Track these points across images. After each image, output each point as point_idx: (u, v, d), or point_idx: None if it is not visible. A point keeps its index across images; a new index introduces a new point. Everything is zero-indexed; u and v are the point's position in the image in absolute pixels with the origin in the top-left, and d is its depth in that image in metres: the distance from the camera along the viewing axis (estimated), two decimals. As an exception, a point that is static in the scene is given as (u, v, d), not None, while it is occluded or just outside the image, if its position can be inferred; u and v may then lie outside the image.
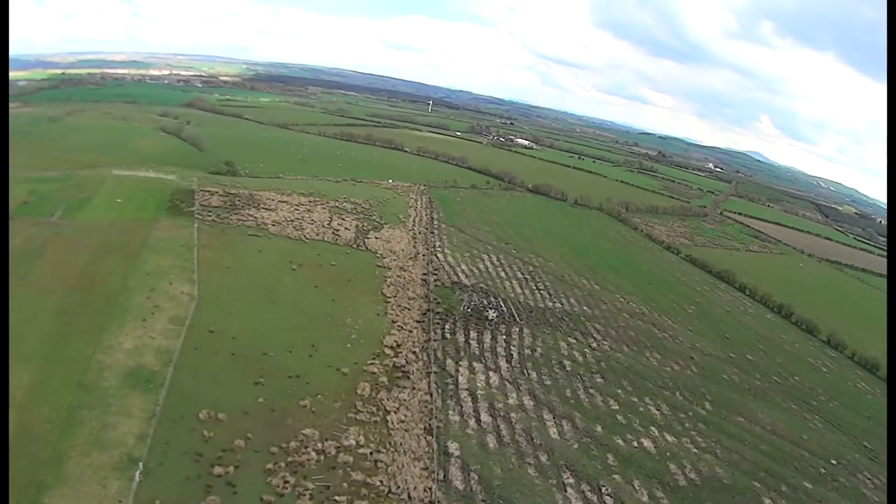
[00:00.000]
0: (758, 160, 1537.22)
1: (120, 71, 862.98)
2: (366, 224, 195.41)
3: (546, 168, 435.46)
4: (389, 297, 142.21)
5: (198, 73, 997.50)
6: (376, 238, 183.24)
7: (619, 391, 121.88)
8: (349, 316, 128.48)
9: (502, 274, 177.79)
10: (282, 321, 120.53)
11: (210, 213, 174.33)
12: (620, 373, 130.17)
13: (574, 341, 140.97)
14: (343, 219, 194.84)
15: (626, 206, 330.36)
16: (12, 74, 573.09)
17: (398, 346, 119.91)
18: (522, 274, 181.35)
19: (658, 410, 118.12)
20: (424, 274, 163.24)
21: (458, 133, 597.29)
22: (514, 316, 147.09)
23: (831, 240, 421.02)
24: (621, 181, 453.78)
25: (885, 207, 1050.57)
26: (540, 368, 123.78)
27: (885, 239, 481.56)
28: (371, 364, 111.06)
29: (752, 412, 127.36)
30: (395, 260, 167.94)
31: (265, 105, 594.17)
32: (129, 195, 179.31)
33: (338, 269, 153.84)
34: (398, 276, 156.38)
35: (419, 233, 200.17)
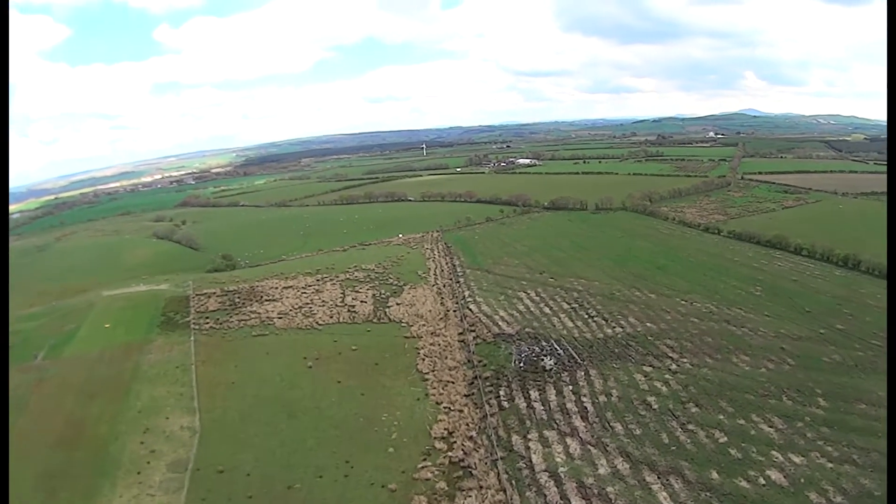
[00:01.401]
0: (754, 116, 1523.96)
1: (112, 185, 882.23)
2: (383, 291, 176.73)
3: (556, 181, 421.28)
4: (427, 374, 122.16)
5: (189, 171, 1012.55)
6: (398, 304, 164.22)
7: (721, 416, 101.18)
8: (384, 410, 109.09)
9: (546, 310, 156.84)
10: (304, 438, 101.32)
11: (208, 320, 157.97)
12: (714, 393, 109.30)
13: (650, 369, 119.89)
14: (357, 291, 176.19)
15: (649, 198, 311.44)
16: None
17: (450, 434, 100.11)
18: (568, 304, 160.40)
19: (771, 427, 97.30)
20: (461, 333, 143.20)
21: (458, 169, 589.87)
22: (574, 358, 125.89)
23: (855, 172, 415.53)
24: (633, 174, 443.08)
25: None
26: (623, 417, 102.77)
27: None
28: (423, 468, 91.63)
29: (870, 393, 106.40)
30: (424, 325, 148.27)
31: (261, 187, 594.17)
32: (118, 317, 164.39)
33: (361, 353, 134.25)
34: (431, 345, 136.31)
35: (444, 286, 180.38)
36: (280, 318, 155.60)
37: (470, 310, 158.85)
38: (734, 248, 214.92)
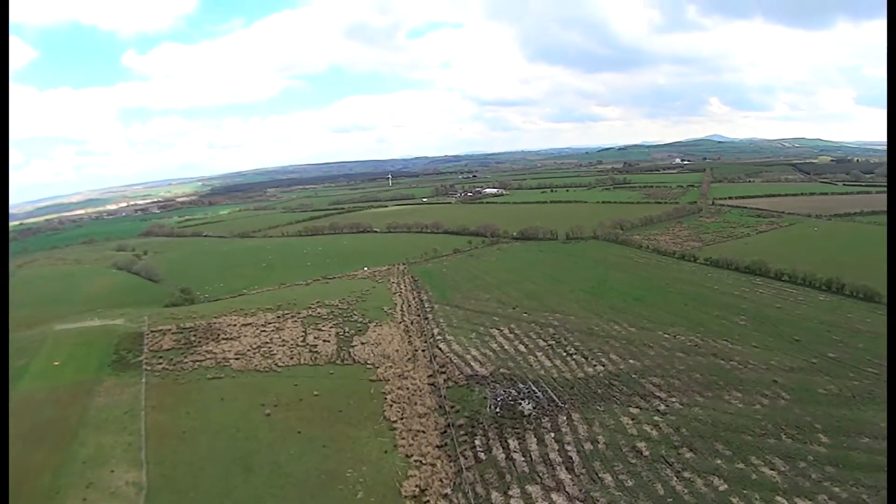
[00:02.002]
0: (719, 142, 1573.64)
1: (77, 212, 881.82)
2: (347, 328, 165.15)
3: (524, 211, 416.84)
4: (395, 422, 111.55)
5: (154, 200, 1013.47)
6: (363, 343, 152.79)
7: (719, 461, 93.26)
8: (349, 465, 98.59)
9: (521, 348, 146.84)
10: (262, 497, 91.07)
11: (161, 360, 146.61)
12: (708, 435, 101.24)
13: (638, 411, 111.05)
14: (320, 329, 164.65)
15: (620, 226, 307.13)
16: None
17: (422, 491, 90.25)
18: (545, 340, 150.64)
19: (773, 470, 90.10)
20: (430, 375, 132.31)
21: (425, 199, 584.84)
22: (554, 401, 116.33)
23: (826, 194, 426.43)
24: (603, 202, 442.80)
25: (852, 147, 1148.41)
26: (612, 466, 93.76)
27: (870, 176, 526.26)
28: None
29: (871, 426, 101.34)
30: (390, 367, 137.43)
31: (225, 217, 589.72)
32: (69, 354, 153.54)
33: (323, 398, 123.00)
34: (399, 389, 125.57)
35: (411, 323, 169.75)
36: (237, 358, 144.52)
37: (440, 349, 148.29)
38: (713, 276, 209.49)
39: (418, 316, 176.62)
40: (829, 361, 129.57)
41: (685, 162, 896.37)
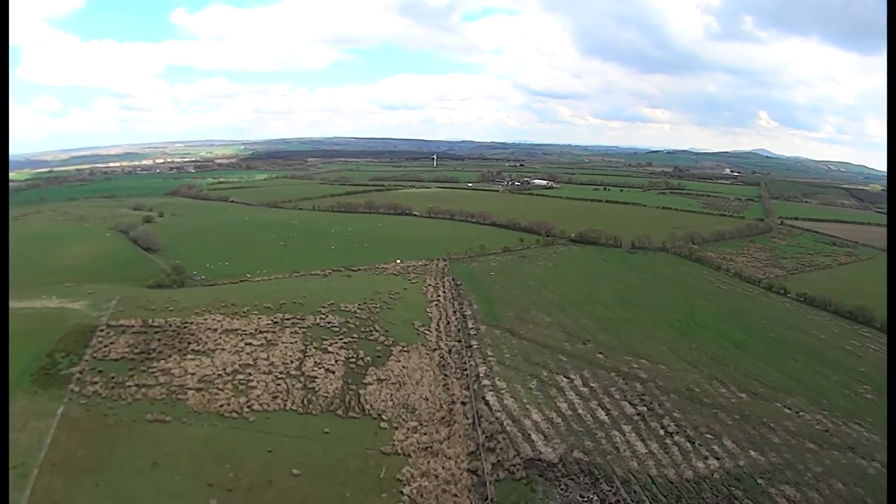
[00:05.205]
0: (766, 157, 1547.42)
1: (112, 165, 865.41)
2: (362, 353, 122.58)
3: (578, 208, 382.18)
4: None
5: (192, 159, 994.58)
6: (379, 381, 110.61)
7: None
8: None
9: (602, 415, 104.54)
10: None
11: (98, 378, 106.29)
12: None
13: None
14: (325, 350, 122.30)
15: (692, 240, 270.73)
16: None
17: None
18: (632, 404, 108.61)
19: None
20: (472, 452, 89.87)
21: (470, 184, 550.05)
22: (657, 525, 75.67)
23: None
24: (662, 207, 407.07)
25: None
26: None
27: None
28: None
29: None
30: (415, 430, 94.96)
31: (260, 183, 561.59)
32: None
33: (303, 484, 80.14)
34: (423, 476, 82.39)
35: (450, 352, 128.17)
36: (198, 389, 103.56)
37: (486, 403, 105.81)
38: (812, 319, 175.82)
39: (459, 342, 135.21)
40: None
41: (734, 173, 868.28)
